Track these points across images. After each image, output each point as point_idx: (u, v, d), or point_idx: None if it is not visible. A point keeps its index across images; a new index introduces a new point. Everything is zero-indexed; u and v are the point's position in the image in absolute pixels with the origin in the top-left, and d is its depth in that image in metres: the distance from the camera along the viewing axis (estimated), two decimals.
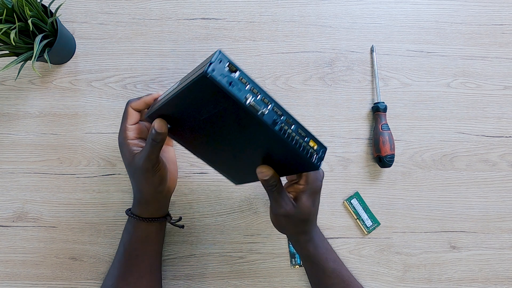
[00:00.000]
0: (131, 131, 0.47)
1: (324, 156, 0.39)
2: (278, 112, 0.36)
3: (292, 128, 0.37)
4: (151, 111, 0.44)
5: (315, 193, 0.45)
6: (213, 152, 0.45)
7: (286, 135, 0.36)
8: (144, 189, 0.47)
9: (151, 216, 0.49)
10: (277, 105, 0.36)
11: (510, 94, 0.61)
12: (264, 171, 0.43)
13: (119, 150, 0.56)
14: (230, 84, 0.33)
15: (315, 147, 0.38)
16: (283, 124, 0.36)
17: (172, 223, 0.53)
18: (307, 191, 0.45)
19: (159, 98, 0.44)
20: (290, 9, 0.61)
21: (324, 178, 0.58)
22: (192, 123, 0.41)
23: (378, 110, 0.58)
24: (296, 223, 0.46)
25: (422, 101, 0.60)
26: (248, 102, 0.34)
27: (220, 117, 0.37)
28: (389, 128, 0.57)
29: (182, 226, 0.55)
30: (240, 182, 0.52)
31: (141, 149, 0.46)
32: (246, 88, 0.34)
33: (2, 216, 0.57)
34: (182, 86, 0.36)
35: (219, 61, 0.32)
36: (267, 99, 0.35)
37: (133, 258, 0.50)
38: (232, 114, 0.36)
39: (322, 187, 0.58)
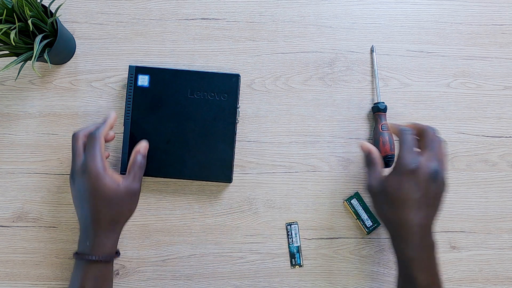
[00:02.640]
0: (105, 161, 0.48)
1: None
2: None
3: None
4: (143, 66, 0.56)
5: (402, 174, 0.45)
6: (171, 132, 0.56)
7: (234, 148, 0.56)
8: (125, 214, 0.49)
9: (111, 253, 0.47)
10: None
11: (510, 94, 0.61)
12: (365, 145, 0.52)
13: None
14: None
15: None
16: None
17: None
18: (394, 170, 0.47)
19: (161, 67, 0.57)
20: (290, 9, 0.61)
21: (324, 178, 0.58)
22: (174, 99, 0.56)
23: (378, 110, 0.58)
24: (385, 203, 0.47)
25: (422, 101, 0.60)
26: (238, 107, 0.56)
27: (204, 102, 0.56)
28: (389, 128, 0.57)
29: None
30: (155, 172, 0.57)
31: (118, 176, 0.48)
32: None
33: (2, 216, 0.57)
34: (209, 71, 0.57)
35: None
36: None
37: None
38: (220, 104, 0.56)
39: (322, 187, 0.58)
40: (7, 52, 0.52)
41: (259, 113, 0.59)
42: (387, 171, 0.49)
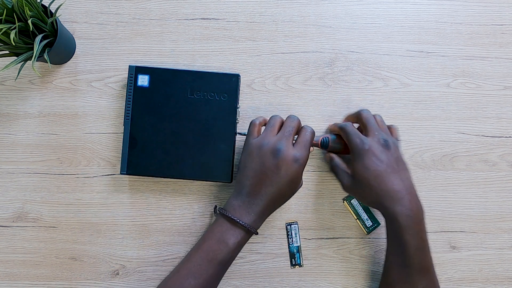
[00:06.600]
0: None
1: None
2: (241, 134, 0.56)
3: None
4: (143, 66, 0.57)
5: (361, 157, 0.49)
6: (171, 132, 0.56)
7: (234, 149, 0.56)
8: (291, 193, 0.50)
9: (256, 227, 0.49)
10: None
11: (510, 94, 0.61)
12: (328, 154, 0.55)
13: (118, 153, 0.56)
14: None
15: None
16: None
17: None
18: (354, 159, 0.49)
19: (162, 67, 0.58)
20: (290, 9, 0.61)
21: (324, 178, 0.58)
22: (174, 99, 0.56)
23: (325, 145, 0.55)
24: (365, 193, 0.49)
25: (422, 101, 0.60)
26: (238, 107, 0.56)
27: (204, 102, 0.56)
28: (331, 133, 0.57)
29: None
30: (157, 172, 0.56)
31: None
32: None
33: (2, 216, 0.57)
34: (208, 71, 0.57)
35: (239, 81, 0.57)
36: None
37: (225, 267, 0.49)
38: (220, 104, 0.56)
39: (322, 187, 0.58)
40: (7, 52, 0.52)
41: (259, 113, 0.59)
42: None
